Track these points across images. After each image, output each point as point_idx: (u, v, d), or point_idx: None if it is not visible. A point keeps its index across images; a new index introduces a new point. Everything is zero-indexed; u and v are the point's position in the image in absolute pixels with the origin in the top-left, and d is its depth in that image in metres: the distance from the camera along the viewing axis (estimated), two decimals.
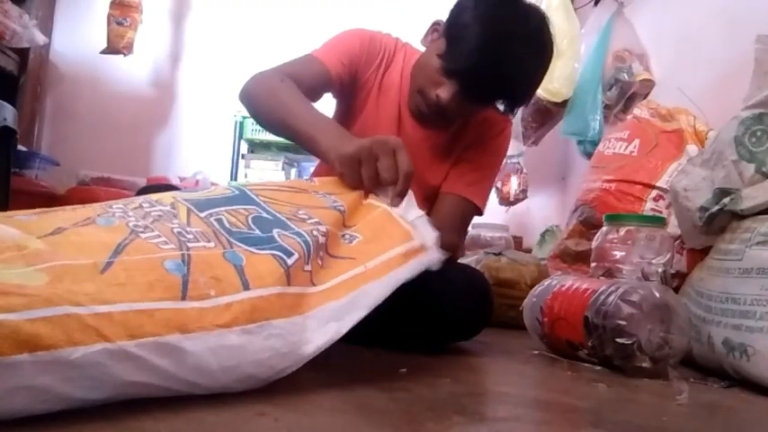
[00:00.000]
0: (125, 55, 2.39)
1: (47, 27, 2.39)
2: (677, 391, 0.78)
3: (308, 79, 1.15)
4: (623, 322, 0.88)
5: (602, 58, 2.04)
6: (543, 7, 2.14)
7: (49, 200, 2.10)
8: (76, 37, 2.54)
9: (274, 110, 1.08)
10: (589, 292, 0.95)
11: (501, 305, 1.42)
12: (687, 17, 1.85)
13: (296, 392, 0.67)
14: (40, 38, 2.03)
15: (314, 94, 1.16)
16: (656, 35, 1.98)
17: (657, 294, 0.90)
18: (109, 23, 2.37)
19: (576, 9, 2.26)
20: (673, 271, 1.14)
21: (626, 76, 1.95)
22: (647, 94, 1.93)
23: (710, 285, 0.97)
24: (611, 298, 0.91)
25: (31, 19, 2.00)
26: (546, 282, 1.10)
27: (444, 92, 1.10)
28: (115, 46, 2.36)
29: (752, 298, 0.88)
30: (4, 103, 1.61)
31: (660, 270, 1.00)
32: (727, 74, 1.53)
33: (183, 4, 2.76)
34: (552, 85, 2.14)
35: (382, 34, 1.31)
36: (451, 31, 1.10)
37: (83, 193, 2.10)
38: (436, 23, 1.19)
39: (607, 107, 2.03)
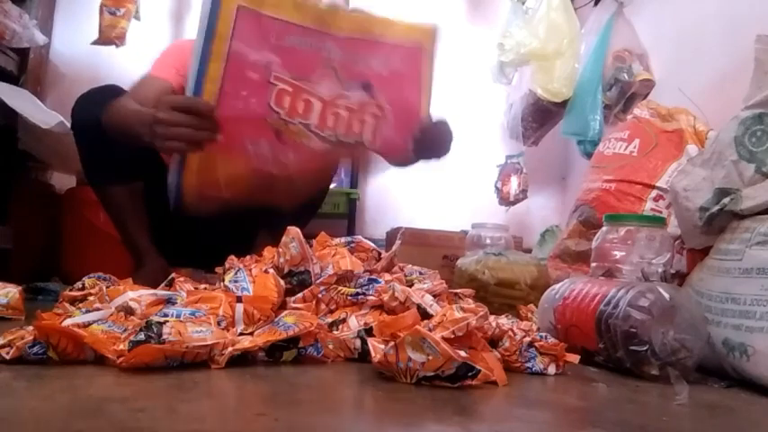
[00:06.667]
0: (117, 46, 2.32)
1: (47, 27, 2.38)
2: (677, 392, 0.78)
3: (156, 97, 1.22)
4: (634, 330, 0.87)
5: (602, 58, 2.04)
6: (543, 7, 2.16)
7: (49, 199, 2.10)
8: (76, 36, 2.53)
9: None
10: (599, 297, 0.94)
11: (501, 305, 1.42)
12: (687, 17, 1.85)
13: (296, 392, 0.67)
14: (40, 38, 2.02)
15: None
16: (656, 35, 1.98)
17: (667, 296, 0.89)
18: (101, 14, 2.29)
19: (576, 9, 2.25)
20: (673, 271, 1.14)
21: (626, 76, 1.95)
22: (647, 94, 1.93)
23: (710, 285, 0.97)
24: (621, 305, 0.89)
25: (30, 19, 1.99)
26: (555, 287, 1.09)
27: None
28: (107, 36, 2.28)
29: (752, 298, 0.88)
30: (5, 104, 1.61)
31: (660, 270, 1.00)
32: (727, 74, 1.53)
33: (182, 4, 2.76)
34: (552, 85, 2.14)
35: None
36: None
37: (83, 193, 2.09)
38: None
39: (607, 107, 2.03)
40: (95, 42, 2.36)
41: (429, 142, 1.29)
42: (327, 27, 1.11)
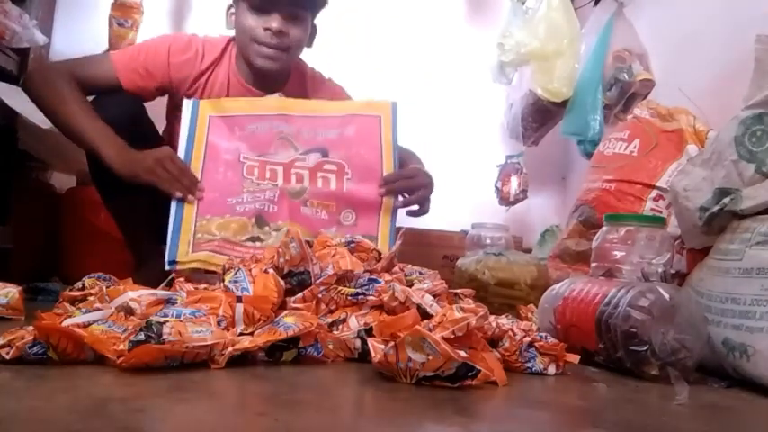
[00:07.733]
0: None
1: (47, 27, 2.38)
2: (677, 392, 0.78)
3: (100, 85, 1.33)
4: (634, 330, 0.87)
5: (602, 58, 2.03)
6: (543, 7, 2.16)
7: (49, 199, 2.10)
8: (76, 37, 2.53)
9: (61, 115, 1.26)
10: (599, 297, 0.94)
11: (501, 305, 1.42)
12: (687, 17, 1.84)
13: (296, 393, 0.67)
14: (40, 38, 2.02)
15: (99, 93, 1.34)
16: (657, 35, 1.98)
17: (667, 296, 0.89)
18: (110, 25, 2.37)
19: (576, 9, 2.25)
20: (673, 271, 1.14)
21: (626, 76, 1.95)
22: (647, 94, 1.92)
23: (710, 285, 0.97)
24: (621, 305, 0.89)
25: (31, 19, 1.99)
26: (555, 287, 1.09)
27: (273, 21, 1.30)
28: (116, 46, 2.36)
29: (752, 298, 0.88)
30: (5, 104, 1.61)
31: (660, 270, 1.00)
32: (727, 74, 1.53)
33: (183, 5, 2.76)
34: (552, 85, 2.13)
35: (204, 38, 1.45)
36: None
37: (83, 193, 2.10)
38: (229, 6, 1.41)
39: (607, 107, 2.02)
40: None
41: (404, 188, 1.34)
42: (278, 110, 1.37)
